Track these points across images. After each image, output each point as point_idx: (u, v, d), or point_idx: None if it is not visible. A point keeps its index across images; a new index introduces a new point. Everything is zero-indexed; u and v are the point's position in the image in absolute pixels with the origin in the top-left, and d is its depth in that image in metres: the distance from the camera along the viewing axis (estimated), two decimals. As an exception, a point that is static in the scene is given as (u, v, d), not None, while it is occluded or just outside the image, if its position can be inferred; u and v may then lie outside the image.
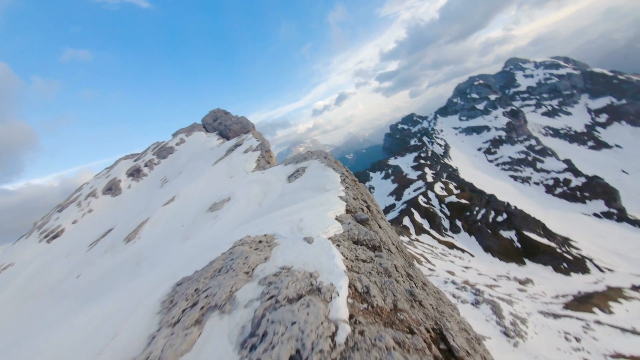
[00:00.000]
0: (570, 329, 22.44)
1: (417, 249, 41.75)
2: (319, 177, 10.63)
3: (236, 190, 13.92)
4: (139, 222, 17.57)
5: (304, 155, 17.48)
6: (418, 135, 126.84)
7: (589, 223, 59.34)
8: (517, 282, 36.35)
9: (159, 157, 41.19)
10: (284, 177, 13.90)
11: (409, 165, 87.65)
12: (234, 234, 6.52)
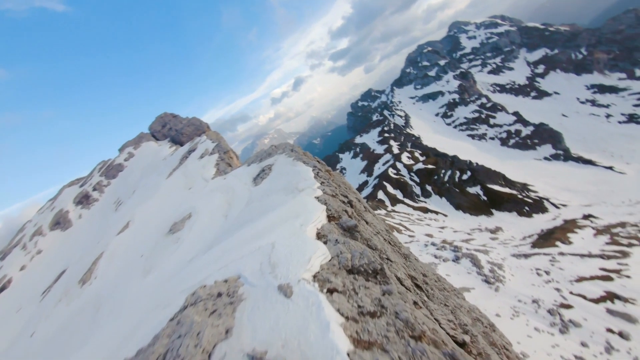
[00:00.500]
0: (540, 265, 24.55)
1: (395, 219, 43.02)
2: (289, 174, 9.44)
3: (197, 204, 12.28)
4: (93, 258, 15.55)
5: (267, 151, 15.84)
6: (379, 110, 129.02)
7: (541, 167, 65.20)
8: (489, 232, 39.06)
9: (107, 178, 37.28)
10: (249, 180, 12.34)
11: (374, 141, 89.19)
12: (192, 271, 5.42)
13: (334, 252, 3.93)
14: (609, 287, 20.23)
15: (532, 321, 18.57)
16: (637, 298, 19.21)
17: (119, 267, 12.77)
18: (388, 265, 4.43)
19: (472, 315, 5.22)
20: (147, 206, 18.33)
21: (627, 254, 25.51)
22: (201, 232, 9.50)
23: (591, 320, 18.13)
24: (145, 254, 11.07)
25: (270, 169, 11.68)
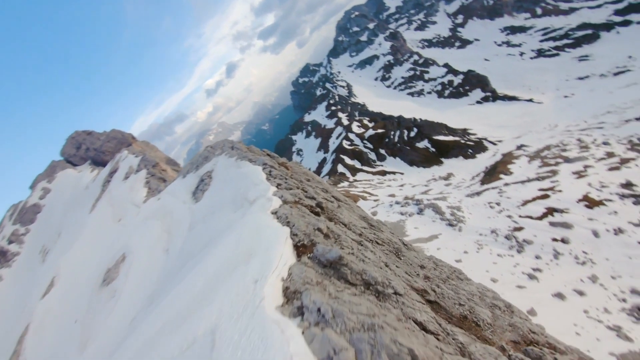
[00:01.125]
0: (491, 198, 27.18)
1: (358, 187, 44.07)
2: (235, 180, 7.70)
3: (131, 241, 10.12)
4: (19, 333, 12.63)
5: (203, 154, 13.22)
6: (320, 84, 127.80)
7: (475, 110, 71.39)
8: (443, 180, 42.12)
9: (24, 224, 31.30)
10: (187, 196, 10.16)
11: (323, 116, 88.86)
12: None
13: (321, 353, 1.93)
14: (547, 204, 23.22)
15: (494, 249, 20.64)
16: (569, 207, 22.38)
17: (52, 340, 10.20)
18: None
19: (487, 300, 5.14)
20: (72, 253, 15.15)
21: (556, 172, 29.42)
22: (140, 278, 7.65)
23: (539, 235, 20.76)
24: (80, 319, 8.89)
25: (210, 176, 9.77)
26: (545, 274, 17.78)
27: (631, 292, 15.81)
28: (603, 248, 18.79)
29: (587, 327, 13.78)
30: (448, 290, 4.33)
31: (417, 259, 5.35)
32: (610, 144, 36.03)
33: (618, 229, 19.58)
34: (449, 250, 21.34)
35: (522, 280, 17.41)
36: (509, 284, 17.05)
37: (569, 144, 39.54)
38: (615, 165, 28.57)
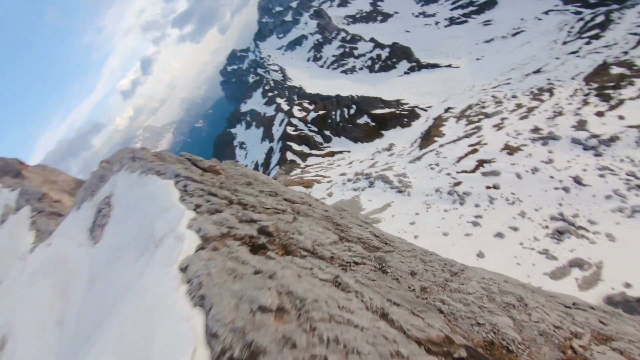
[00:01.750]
0: (430, 161, 29.48)
1: (311, 173, 44.00)
2: (139, 205, 5.66)
3: (13, 315, 5.63)
4: None
5: (97, 173, 10.03)
6: (252, 70, 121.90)
7: (405, 81, 76.05)
8: (386, 151, 44.39)
9: None
10: (84, 236, 7.50)
11: (261, 104, 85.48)
12: None
13: None
14: (477, 157, 26.04)
15: (441, 206, 22.56)
16: (495, 157, 25.43)
17: None
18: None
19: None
20: None
21: (479, 127, 33.07)
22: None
23: (475, 186, 23.29)
24: None
25: (109, 203, 7.31)
26: (485, 218, 20.10)
27: (550, 219, 18.81)
28: (525, 187, 21.89)
29: (524, 256, 16.02)
30: (455, 303, 3.27)
31: (404, 264, 4.09)
32: (518, 97, 41.81)
33: (534, 168, 22.95)
34: (402, 214, 22.69)
35: (467, 228, 19.42)
36: (458, 234, 18.88)
37: (486, 101, 44.81)
38: (524, 115, 33.30)
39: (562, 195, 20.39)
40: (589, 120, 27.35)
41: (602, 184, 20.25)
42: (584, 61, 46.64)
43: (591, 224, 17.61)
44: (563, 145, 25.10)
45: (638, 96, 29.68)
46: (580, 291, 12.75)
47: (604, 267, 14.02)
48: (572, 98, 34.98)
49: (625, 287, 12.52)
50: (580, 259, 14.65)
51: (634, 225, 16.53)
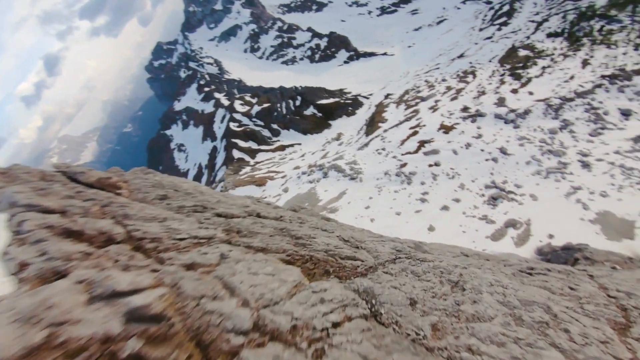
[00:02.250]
0: (377, 146, 30.67)
1: (263, 169, 42.50)
2: None
3: None
4: None
5: None
6: (182, 64, 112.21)
7: (345, 70, 77.82)
8: (335, 141, 45.06)
9: None
10: None
11: (197, 100, 79.45)
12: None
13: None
14: (418, 138, 27.84)
15: (391, 187, 23.63)
16: (433, 137, 27.46)
17: None
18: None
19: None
20: None
21: (417, 111, 35.39)
22: None
23: (419, 165, 24.91)
24: None
25: None
26: (431, 194, 21.66)
27: (485, 188, 21.04)
28: (461, 161, 24.11)
29: (468, 224, 17.65)
30: (487, 346, 2.21)
31: (397, 289, 2.88)
32: (447, 80, 45.78)
33: (467, 144, 25.36)
34: (357, 200, 23.23)
35: (417, 205, 20.70)
36: (409, 212, 20.01)
37: (420, 85, 48.22)
38: (454, 96, 36.59)
39: (492, 165, 22.99)
40: (506, 97, 31.20)
41: (522, 152, 23.35)
42: (497, 45, 52.96)
43: (517, 188, 20.19)
44: (488, 121, 28.23)
45: (541, 74, 34.87)
46: (516, 247, 14.49)
47: (532, 223, 16.17)
48: (491, 78, 39.55)
49: (550, 238, 14.60)
50: (513, 219, 16.65)
51: (549, 185, 19.41)
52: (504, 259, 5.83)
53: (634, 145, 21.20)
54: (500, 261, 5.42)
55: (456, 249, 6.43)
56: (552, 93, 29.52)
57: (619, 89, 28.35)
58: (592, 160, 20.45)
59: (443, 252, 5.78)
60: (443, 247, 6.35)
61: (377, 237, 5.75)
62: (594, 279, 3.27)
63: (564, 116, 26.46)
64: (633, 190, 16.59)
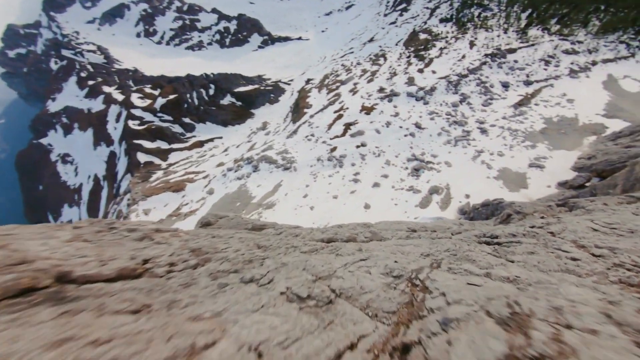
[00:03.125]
0: (306, 132, 30.46)
1: (178, 172, 37.90)
2: None
3: None
4: None
5: None
6: (52, 53, 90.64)
7: (260, 55, 74.92)
8: (261, 130, 43.23)
9: None
10: None
11: (80, 97, 65.57)
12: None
13: None
14: (343, 121, 28.58)
15: (325, 172, 23.78)
16: (357, 118, 28.57)
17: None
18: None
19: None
20: None
21: (339, 94, 36.33)
22: None
23: (347, 147, 25.66)
24: None
25: None
26: (362, 174, 22.59)
27: (407, 161, 22.93)
28: (384, 139, 25.74)
29: (398, 197, 18.94)
30: None
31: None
32: (362, 64, 48.28)
33: (387, 122, 27.16)
34: (294, 190, 22.68)
35: (351, 186, 21.31)
36: (345, 194, 20.46)
37: (338, 70, 49.75)
38: (370, 78, 38.78)
39: (411, 139, 25.22)
40: (415, 76, 34.50)
41: (433, 125, 26.22)
42: (401, 30, 58.16)
43: (434, 157, 22.62)
44: (402, 99, 30.79)
45: (440, 55, 39.66)
46: (442, 211, 16.14)
47: (451, 187, 18.26)
48: (400, 60, 43.27)
49: (467, 197, 16.70)
50: (435, 186, 18.51)
51: (459, 151, 22.28)
52: (448, 226, 6.07)
53: (514, 111, 25.96)
54: (446, 229, 5.45)
55: (402, 224, 6.35)
56: (450, 71, 33.87)
57: (498, 65, 34.31)
58: (487, 127, 24.25)
59: (392, 230, 5.54)
60: (389, 225, 6.17)
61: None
62: (557, 235, 3.32)
63: (462, 90, 30.66)
64: (520, 148, 20.30)
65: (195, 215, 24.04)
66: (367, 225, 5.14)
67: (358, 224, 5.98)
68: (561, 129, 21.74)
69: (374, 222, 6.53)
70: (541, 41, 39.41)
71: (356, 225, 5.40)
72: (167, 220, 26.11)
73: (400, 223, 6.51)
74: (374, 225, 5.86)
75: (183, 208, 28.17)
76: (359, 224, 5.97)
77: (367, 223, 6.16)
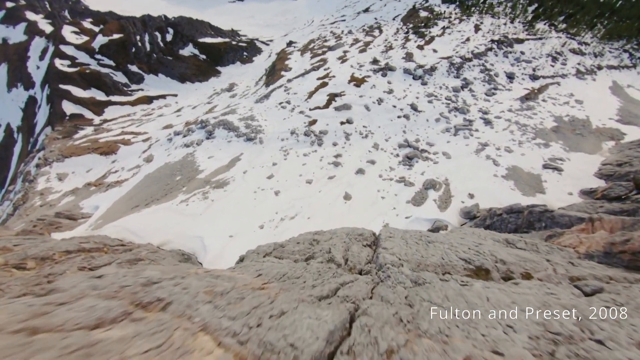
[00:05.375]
0: (280, 98, 26.54)
1: (114, 130, 32.16)
2: None
3: None
4: None
5: None
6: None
7: (238, 9, 67.95)
8: (226, 92, 38.28)
9: None
10: None
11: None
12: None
13: None
14: (328, 90, 25.12)
15: (300, 150, 20.34)
16: (344, 89, 25.23)
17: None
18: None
19: None
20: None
21: (325, 60, 32.54)
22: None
23: (330, 122, 22.33)
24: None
25: None
26: (345, 157, 19.51)
27: (399, 147, 20.24)
28: (374, 118, 22.78)
29: (386, 188, 16.15)
30: None
31: None
32: (353, 33, 44.60)
33: (379, 99, 24.16)
34: (256, 168, 19.05)
35: (330, 170, 18.18)
36: (322, 179, 17.28)
37: (327, 36, 45.64)
38: (362, 48, 35.35)
39: (405, 122, 22.50)
40: (414, 52, 31.68)
41: (432, 109, 23.68)
42: (400, 5, 55.02)
43: (430, 146, 20.11)
44: (398, 75, 27.89)
45: (442, 34, 37.14)
46: (441, 212, 13.58)
47: (451, 183, 15.79)
48: (397, 35, 40.23)
49: (470, 197, 14.28)
50: (432, 180, 15.93)
51: (460, 142, 19.94)
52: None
53: (522, 105, 24.18)
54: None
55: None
56: (453, 52, 31.49)
57: (504, 54, 32.56)
58: (492, 118, 22.18)
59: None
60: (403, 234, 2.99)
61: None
62: None
63: (464, 75, 28.44)
64: (531, 145, 18.35)
65: (122, 187, 19.55)
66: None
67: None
68: (575, 129, 20.18)
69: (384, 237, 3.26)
70: (549, 36, 38.43)
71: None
72: (84, 189, 21.27)
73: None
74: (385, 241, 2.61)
75: (110, 176, 23.31)
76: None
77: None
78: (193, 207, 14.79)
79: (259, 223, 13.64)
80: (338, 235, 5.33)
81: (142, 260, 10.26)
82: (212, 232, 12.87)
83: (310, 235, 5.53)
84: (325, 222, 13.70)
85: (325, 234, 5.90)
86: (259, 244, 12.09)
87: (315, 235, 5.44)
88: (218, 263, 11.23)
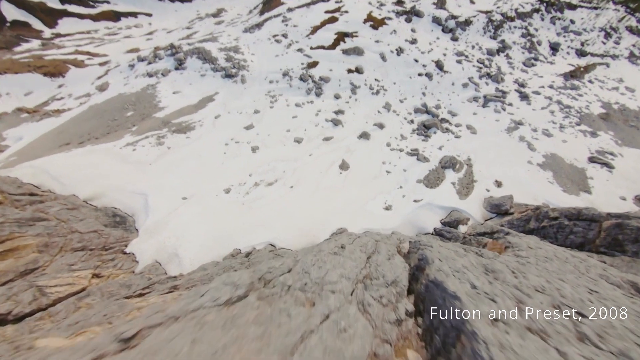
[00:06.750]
0: (276, 30, 22.99)
1: (68, 47, 27.79)
2: None
3: None
4: None
5: None
6: None
7: None
8: (212, 18, 33.58)
9: None
10: None
11: None
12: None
13: None
14: (337, 28, 21.50)
15: (291, 98, 17.38)
16: (357, 30, 21.65)
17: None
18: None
19: None
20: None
21: (337, -8, 28.11)
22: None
23: (334, 68, 19.16)
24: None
25: None
26: (347, 114, 16.77)
27: (415, 112, 17.56)
28: (390, 71, 19.69)
29: (393, 161, 13.74)
30: None
31: None
32: (375, -34, 39.16)
33: (399, 48, 20.85)
34: (233, 114, 16.15)
35: (327, 130, 15.52)
36: (315, 140, 14.66)
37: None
38: (384, -15, 30.79)
39: (426, 82, 19.56)
40: (446, -1, 27.66)
41: (460, 70, 20.65)
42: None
43: (452, 116, 17.49)
44: (425, 24, 24.28)
45: (482, -18, 32.71)
46: (460, 199, 11.35)
47: (474, 164, 13.45)
48: (427, -23, 35.40)
49: (497, 186, 12.07)
50: (452, 157, 13.52)
51: (489, 115, 17.36)
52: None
53: (565, 82, 21.41)
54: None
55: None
56: (494, 6, 27.67)
57: (552, 20, 28.93)
58: (530, 92, 19.50)
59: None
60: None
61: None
62: None
63: (502, 36, 25.12)
64: (574, 132, 15.98)
65: (60, 118, 16.36)
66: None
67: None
68: (628, 119, 17.81)
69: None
70: (605, 7, 34.56)
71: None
72: (13, 115, 17.95)
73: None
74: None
75: (53, 103, 19.86)
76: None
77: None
78: (141, 153, 12.04)
79: (225, 185, 11.11)
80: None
81: (43, 220, 7.69)
82: (160, 190, 10.33)
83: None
84: (311, 195, 11.33)
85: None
86: (221, 214, 9.30)
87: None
88: (160, 232, 8.84)
